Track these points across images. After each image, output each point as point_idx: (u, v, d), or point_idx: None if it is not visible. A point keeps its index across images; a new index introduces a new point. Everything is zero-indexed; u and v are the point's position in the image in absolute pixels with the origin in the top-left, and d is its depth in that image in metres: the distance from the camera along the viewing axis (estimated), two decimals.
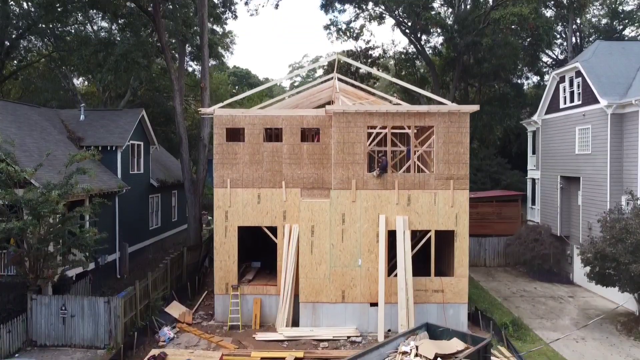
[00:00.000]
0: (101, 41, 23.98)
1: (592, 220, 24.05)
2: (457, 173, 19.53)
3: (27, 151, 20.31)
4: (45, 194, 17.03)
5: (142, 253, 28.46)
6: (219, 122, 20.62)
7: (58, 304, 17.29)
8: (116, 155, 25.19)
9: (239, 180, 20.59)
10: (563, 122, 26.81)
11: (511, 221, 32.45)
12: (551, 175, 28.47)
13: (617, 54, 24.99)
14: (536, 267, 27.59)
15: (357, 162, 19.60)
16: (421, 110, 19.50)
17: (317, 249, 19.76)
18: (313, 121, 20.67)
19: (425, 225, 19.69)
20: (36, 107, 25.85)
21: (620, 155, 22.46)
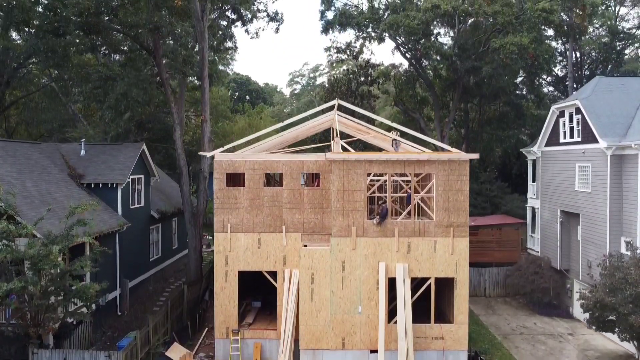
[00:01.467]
0: (101, 77, 23.99)
1: (591, 258, 24.11)
2: (457, 220, 19.57)
3: (28, 197, 20.33)
4: (47, 245, 17.11)
5: (142, 285, 28.50)
6: (219, 167, 20.67)
7: (59, 357, 17.33)
8: (117, 192, 25.22)
9: (239, 225, 20.64)
10: (563, 156, 26.84)
11: (511, 249, 32.46)
12: (551, 208, 28.51)
13: (616, 91, 25.00)
14: (536, 299, 27.66)
15: (357, 210, 19.64)
16: (421, 158, 19.53)
17: (317, 296, 19.81)
18: (313, 166, 20.73)
19: (426, 273, 19.74)
20: (37, 144, 25.87)
21: (619, 197, 22.49)
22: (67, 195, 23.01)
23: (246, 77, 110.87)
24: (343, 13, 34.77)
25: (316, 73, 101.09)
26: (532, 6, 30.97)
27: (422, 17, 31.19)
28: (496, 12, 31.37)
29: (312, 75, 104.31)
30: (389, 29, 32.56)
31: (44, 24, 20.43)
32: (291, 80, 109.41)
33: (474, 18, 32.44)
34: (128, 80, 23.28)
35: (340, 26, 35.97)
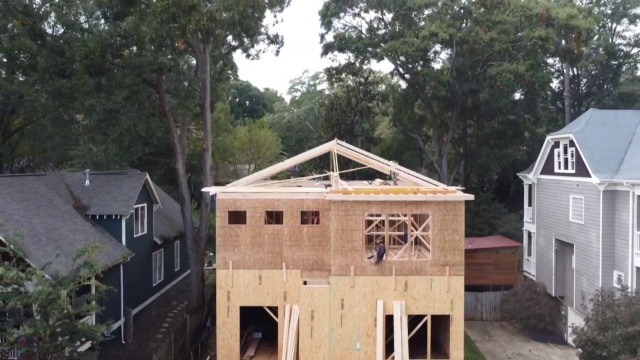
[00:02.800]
0: (105, 109, 24.53)
1: (584, 289, 24.68)
2: (453, 260, 20.13)
3: (35, 236, 20.88)
4: (55, 287, 17.67)
5: (146, 311, 29.05)
6: (221, 206, 21.21)
7: None
8: (120, 223, 25.77)
9: (240, 262, 21.19)
10: (557, 186, 27.38)
11: (508, 272, 32.98)
12: (546, 235, 29.07)
13: (610, 125, 25.53)
14: (532, 325, 28.24)
15: (356, 249, 20.20)
16: (417, 199, 20.07)
17: (316, 332, 20.37)
18: (313, 204, 21.26)
19: (422, 310, 20.30)
20: (42, 176, 26.41)
21: (612, 231, 23.03)
22: (73, 229, 23.56)
23: (246, 83, 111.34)
24: (342, 38, 35.27)
25: (316, 81, 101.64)
26: (529, 34, 31.49)
27: (420, 44, 31.72)
28: (493, 39, 31.90)
29: (312, 83, 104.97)
30: (387, 55, 33.09)
31: (51, 66, 21.04)
32: (291, 88, 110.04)
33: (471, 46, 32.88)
34: (132, 115, 23.83)
35: (339, 50, 36.49)
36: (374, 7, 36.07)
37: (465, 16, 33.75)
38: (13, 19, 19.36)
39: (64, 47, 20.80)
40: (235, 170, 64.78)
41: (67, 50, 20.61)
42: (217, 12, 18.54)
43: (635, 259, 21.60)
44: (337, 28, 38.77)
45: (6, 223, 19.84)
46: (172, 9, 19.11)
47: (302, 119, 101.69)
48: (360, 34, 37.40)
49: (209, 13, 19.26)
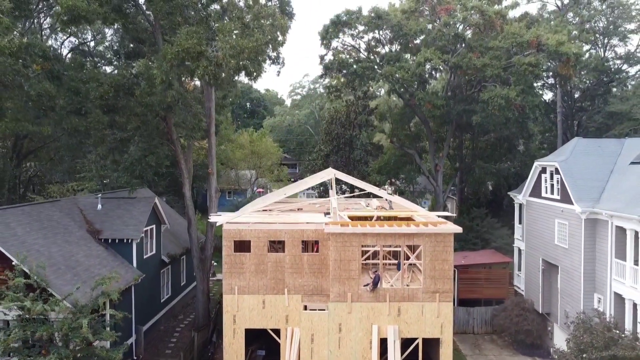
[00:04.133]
0: (116, 139, 26.02)
1: (568, 309, 26.26)
2: (442, 287, 21.71)
3: (54, 265, 22.43)
4: (76, 314, 19.29)
5: (155, 327, 30.65)
6: (227, 236, 22.77)
7: None
8: (132, 246, 27.31)
9: (245, 288, 22.78)
10: (544, 210, 28.90)
11: (499, 286, 34.50)
12: (534, 255, 30.63)
13: (593, 154, 26.99)
14: (520, 340, 29.77)
15: (352, 278, 21.78)
16: (410, 231, 21.62)
17: (316, 355, 21.98)
18: (312, 235, 22.81)
19: (414, 334, 21.90)
20: (56, 202, 27.89)
21: (593, 257, 24.57)
22: (87, 254, 25.12)
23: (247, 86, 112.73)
24: (340, 62, 36.67)
25: (316, 85, 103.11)
26: (519, 60, 32.91)
27: (416, 70, 33.16)
28: (485, 65, 33.31)
29: (313, 87, 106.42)
30: (384, 78, 34.54)
31: (68, 105, 22.49)
32: (292, 92, 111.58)
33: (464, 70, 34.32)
34: (142, 145, 25.34)
35: (338, 72, 37.92)
36: (372, 29, 37.44)
37: (459, 41, 35.14)
38: (33, 64, 20.85)
39: (80, 86, 22.29)
40: (236, 176, 66.40)
41: (82, 89, 22.10)
42: (223, 60, 20.01)
43: (614, 285, 23.14)
44: (336, 47, 40.19)
45: (28, 254, 21.39)
46: (182, 54, 20.59)
47: (302, 122, 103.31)
48: (358, 54, 38.79)
49: (215, 59, 20.73)
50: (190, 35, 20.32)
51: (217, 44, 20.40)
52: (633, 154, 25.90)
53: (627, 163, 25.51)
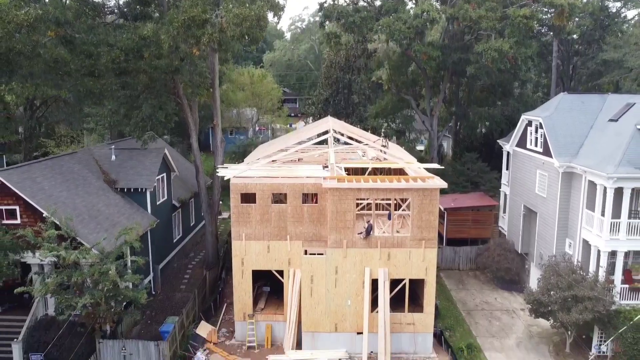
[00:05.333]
0: (127, 95, 27.61)
1: (542, 251, 29.11)
2: (428, 236, 24.27)
3: (79, 215, 24.90)
4: (103, 260, 22.03)
5: (169, 265, 33.78)
6: (234, 189, 25.04)
7: (120, 345, 22.81)
8: (146, 195, 29.72)
9: (252, 235, 25.39)
10: (528, 160, 31.00)
11: (485, 227, 37.42)
12: (517, 201, 33.12)
13: (576, 110, 28.63)
14: (500, 276, 32.97)
15: (348, 227, 24.29)
16: (400, 187, 23.86)
17: (315, 293, 24.95)
18: (312, 188, 25.07)
19: (402, 275, 24.74)
20: (74, 154, 29.91)
21: (567, 207, 27.00)
22: (107, 203, 27.58)
23: None
24: (340, 12, 37.22)
25: (316, 18, 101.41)
26: (514, 12, 33.62)
27: (413, 22, 33.96)
28: (481, 16, 34.06)
29: (313, 20, 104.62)
30: (383, 30, 35.37)
31: (81, 68, 23.87)
32: (292, 25, 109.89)
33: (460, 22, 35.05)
34: (151, 102, 27.02)
35: (337, 21, 38.56)
36: None
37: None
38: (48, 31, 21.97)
39: (92, 50, 23.57)
40: (238, 114, 67.77)
41: (94, 52, 23.43)
42: (227, 27, 21.19)
43: (583, 232, 25.71)
44: None
45: (55, 206, 23.78)
46: (188, 22, 21.75)
47: (302, 57, 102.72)
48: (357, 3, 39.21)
49: (219, 25, 21.92)
50: (195, 2, 21.41)
51: (221, 12, 21.52)
52: (613, 110, 27.58)
53: (606, 120, 27.26)
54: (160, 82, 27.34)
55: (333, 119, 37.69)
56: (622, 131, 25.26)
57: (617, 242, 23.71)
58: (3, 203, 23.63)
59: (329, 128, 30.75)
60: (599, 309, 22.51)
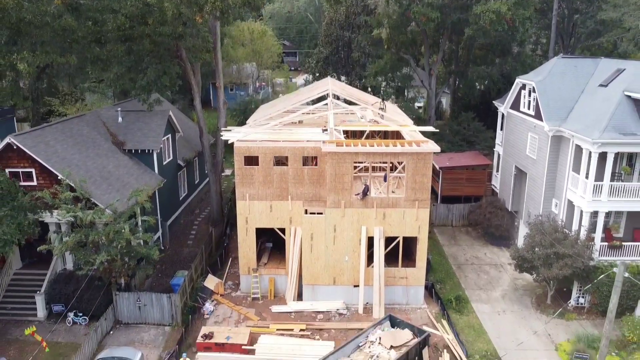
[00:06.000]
0: (132, 60, 28.36)
1: (531, 210, 30.70)
2: (421, 197, 25.74)
3: (92, 177, 26.25)
4: (116, 220, 23.63)
5: (176, 221, 35.49)
6: (238, 152, 26.29)
7: (135, 297, 24.77)
8: (153, 156, 30.98)
9: (255, 195, 26.86)
10: (520, 122, 32.06)
11: (479, 185, 38.89)
12: (509, 161, 34.42)
13: (569, 74, 29.41)
14: (490, 232, 34.75)
15: (345, 189, 25.73)
16: (395, 150, 25.10)
17: (315, 249, 26.71)
18: (312, 151, 26.31)
19: (396, 233, 26.40)
20: (82, 116, 30.92)
21: (555, 169, 28.33)
22: (116, 165, 28.90)
23: None
24: None
25: None
26: None
27: None
28: None
29: None
30: None
31: (88, 34, 24.46)
32: None
33: None
34: (156, 67, 27.83)
35: None
36: None
37: None
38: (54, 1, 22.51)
39: (97, 16, 24.14)
40: (238, 70, 67.99)
41: (99, 19, 24.04)
42: None
43: (568, 193, 27.16)
44: None
45: (69, 168, 25.13)
46: None
47: (302, 9, 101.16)
48: None
49: None
50: None
51: None
52: (604, 75, 28.41)
53: (597, 85, 28.15)
54: (163, 46, 28.02)
55: (332, 80, 38.47)
56: (610, 97, 26.24)
57: (599, 203, 25.20)
58: (20, 166, 24.95)
59: (328, 90, 31.61)
60: (578, 265, 24.27)
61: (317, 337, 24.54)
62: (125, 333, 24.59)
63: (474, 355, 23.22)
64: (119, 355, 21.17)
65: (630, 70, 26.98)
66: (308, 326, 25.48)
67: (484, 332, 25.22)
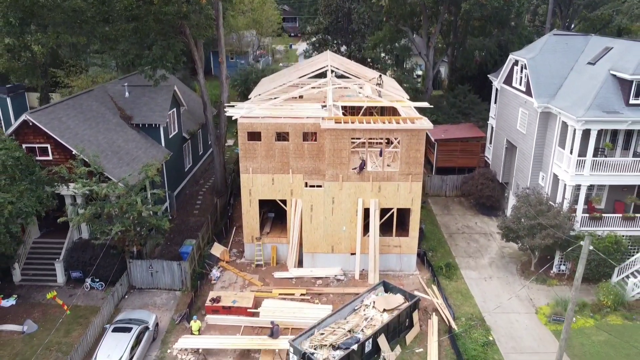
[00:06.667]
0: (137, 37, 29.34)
1: (519, 182, 32.29)
2: (415, 170, 27.28)
3: (103, 151, 27.71)
4: (128, 193, 25.27)
5: (182, 191, 37.15)
6: (241, 127, 27.66)
7: (147, 264, 26.67)
8: (159, 130, 32.33)
9: (258, 169, 28.40)
10: (512, 98, 33.26)
11: (472, 156, 40.40)
12: (501, 134, 35.79)
13: (560, 52, 30.42)
14: (481, 203, 36.47)
15: (343, 163, 27.25)
16: (391, 127, 26.46)
17: (315, 219, 28.45)
18: (311, 127, 27.66)
19: (391, 205, 28.08)
20: (90, 92, 32.06)
21: (543, 143, 29.75)
22: (125, 139, 30.31)
23: None
24: None
25: None
26: None
27: None
28: None
29: None
30: None
31: (97, 14, 25.40)
32: None
33: None
34: (161, 44, 28.87)
35: None
36: None
37: None
38: None
39: None
40: (238, 39, 68.37)
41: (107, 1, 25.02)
42: None
43: (554, 167, 28.67)
44: None
45: (81, 144, 26.57)
46: None
47: None
48: None
49: None
50: None
51: None
52: (593, 53, 29.47)
53: (585, 62, 29.24)
54: (168, 24, 28.98)
55: (332, 55, 39.35)
56: (597, 75, 27.41)
57: (581, 177, 26.76)
58: (36, 141, 26.37)
59: (327, 65, 32.66)
60: (559, 235, 26.05)
61: (317, 301, 26.53)
62: (139, 297, 26.62)
63: (460, 318, 25.26)
64: (135, 318, 23.17)
65: (617, 49, 28.03)
66: (308, 291, 27.46)
67: (471, 296, 27.22)
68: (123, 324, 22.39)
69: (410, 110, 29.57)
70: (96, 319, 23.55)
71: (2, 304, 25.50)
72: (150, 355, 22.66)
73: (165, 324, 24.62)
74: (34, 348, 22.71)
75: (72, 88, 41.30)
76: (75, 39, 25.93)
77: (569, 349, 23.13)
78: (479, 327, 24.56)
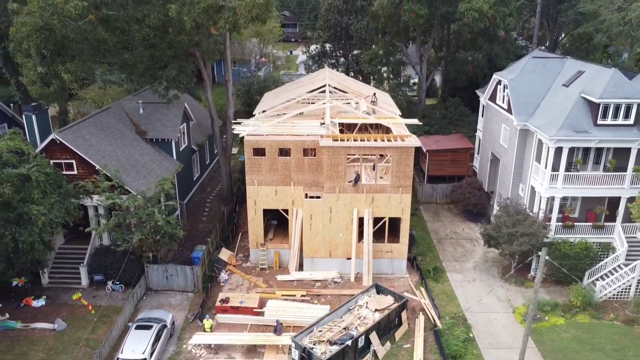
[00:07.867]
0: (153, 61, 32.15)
1: (502, 192, 35.16)
2: (404, 183, 30.14)
3: (122, 166, 30.54)
4: (146, 204, 28.11)
5: (191, 200, 40.01)
6: (248, 144, 30.52)
7: (163, 268, 29.54)
8: (171, 144, 35.20)
9: (262, 181, 31.25)
10: (496, 114, 36.11)
11: (461, 166, 43.25)
12: (486, 147, 38.66)
13: (538, 73, 33.25)
14: (469, 210, 39.31)
15: (339, 177, 30.11)
16: (383, 145, 29.33)
17: (314, 227, 31.31)
18: (311, 144, 30.51)
19: (383, 214, 30.93)
20: (108, 109, 34.93)
21: (522, 158, 32.61)
22: (141, 153, 33.16)
23: None
24: None
25: None
26: None
27: None
28: None
29: None
30: None
31: (118, 43, 28.17)
32: None
33: None
34: (174, 66, 31.74)
35: None
36: None
37: None
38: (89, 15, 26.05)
39: (124, 26, 27.81)
40: (241, 47, 71.15)
41: (126, 28, 27.74)
42: (241, 14, 25.42)
43: (531, 180, 31.52)
44: None
45: (103, 159, 29.40)
46: (207, 8, 25.95)
47: None
48: None
49: (233, 9, 26.16)
50: None
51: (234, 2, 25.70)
52: (568, 75, 32.30)
53: (560, 84, 32.08)
54: (181, 49, 31.85)
55: (330, 71, 42.24)
56: (570, 96, 30.25)
57: (554, 189, 29.61)
58: (62, 158, 29.20)
59: (325, 82, 35.49)
60: (534, 242, 28.91)
61: (316, 301, 29.42)
62: (155, 298, 29.51)
63: (445, 317, 28.13)
64: (154, 317, 26.07)
65: (588, 73, 30.86)
66: (308, 292, 30.34)
67: (455, 297, 30.10)
68: (144, 322, 25.28)
69: (401, 127, 32.41)
70: (119, 318, 26.42)
71: (33, 304, 28.38)
72: (168, 350, 25.55)
73: (180, 322, 27.51)
74: (65, 344, 25.59)
75: (86, 100, 44.19)
76: (98, 66, 28.66)
77: (541, 345, 26.05)
78: (461, 325, 27.43)
